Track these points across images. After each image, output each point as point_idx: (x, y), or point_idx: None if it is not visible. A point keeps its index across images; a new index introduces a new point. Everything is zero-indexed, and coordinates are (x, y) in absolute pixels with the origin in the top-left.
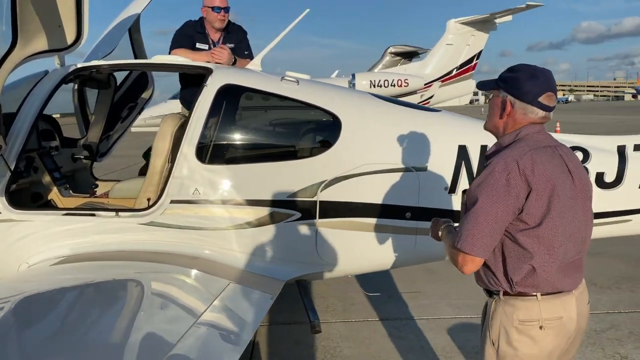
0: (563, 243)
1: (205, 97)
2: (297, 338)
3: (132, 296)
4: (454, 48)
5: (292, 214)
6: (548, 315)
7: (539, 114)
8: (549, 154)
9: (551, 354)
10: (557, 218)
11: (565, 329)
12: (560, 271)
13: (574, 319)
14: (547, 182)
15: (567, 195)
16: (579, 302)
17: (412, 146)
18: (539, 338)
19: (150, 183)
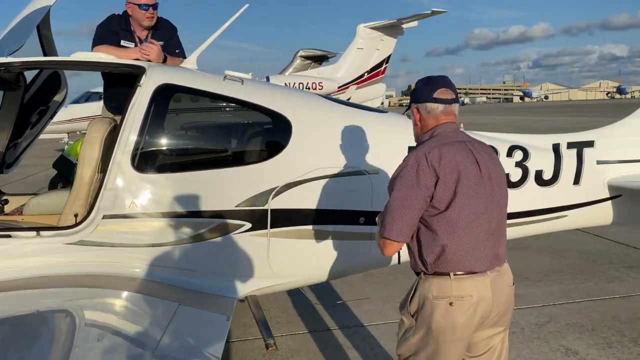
0: (468, 226)
1: (140, 98)
2: (245, 356)
3: (62, 330)
4: (365, 52)
5: (241, 225)
6: (458, 293)
7: (439, 108)
8: (456, 147)
9: (462, 328)
10: (462, 202)
11: (478, 307)
12: (471, 253)
13: (487, 298)
14: (452, 171)
15: (473, 182)
16: (495, 283)
17: (364, 148)
18: (448, 313)
19: (78, 196)
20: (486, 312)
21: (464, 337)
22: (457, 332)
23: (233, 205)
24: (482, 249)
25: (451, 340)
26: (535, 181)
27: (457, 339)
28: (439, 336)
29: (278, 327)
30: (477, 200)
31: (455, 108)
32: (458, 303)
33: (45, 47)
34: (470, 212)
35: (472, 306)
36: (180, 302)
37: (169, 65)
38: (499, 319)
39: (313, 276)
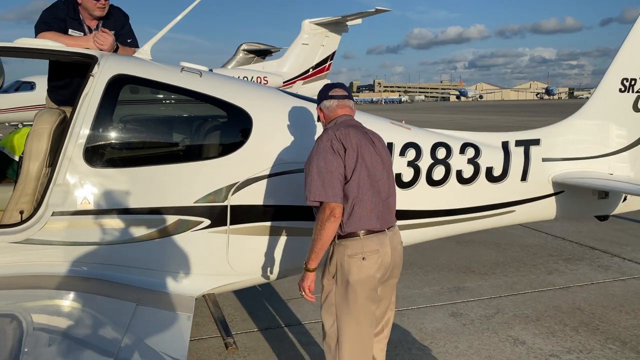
0: (368, 190)
1: (92, 89)
2: (200, 355)
3: (8, 334)
4: (310, 48)
5: (200, 222)
6: (368, 249)
7: (334, 103)
8: (356, 129)
9: (373, 278)
10: (362, 170)
11: (382, 260)
12: (373, 214)
13: (388, 253)
14: (355, 145)
15: (370, 155)
16: (392, 240)
17: None
18: (363, 266)
19: (24, 192)
20: (388, 264)
21: (376, 286)
22: (371, 282)
23: (191, 202)
24: (378, 210)
25: (367, 290)
26: (486, 177)
27: (371, 288)
28: (357, 289)
29: (232, 324)
30: (375, 171)
31: (349, 103)
32: (369, 257)
33: None
34: (368, 179)
35: (379, 258)
36: (137, 302)
37: (123, 55)
38: (394, 270)
39: (273, 273)
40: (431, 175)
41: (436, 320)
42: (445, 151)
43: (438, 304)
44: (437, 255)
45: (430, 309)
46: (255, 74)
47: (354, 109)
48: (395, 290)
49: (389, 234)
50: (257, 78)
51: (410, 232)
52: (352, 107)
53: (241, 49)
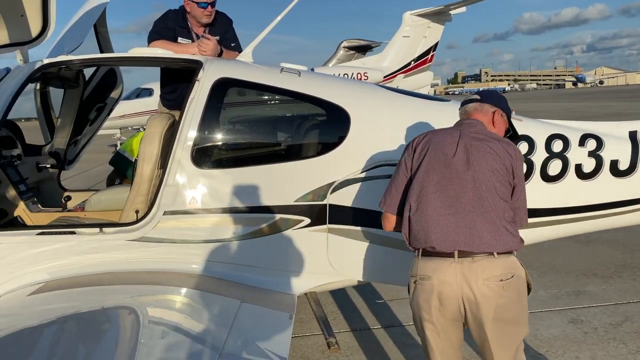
0: (432, 195)
1: (198, 93)
2: (303, 353)
3: (126, 327)
4: (411, 40)
5: (300, 220)
6: (420, 273)
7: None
8: (446, 131)
9: (426, 310)
10: (425, 175)
11: (438, 291)
12: (432, 226)
13: (450, 284)
14: (424, 147)
15: (439, 160)
16: (465, 270)
17: None
18: (414, 292)
19: (139, 193)
20: (450, 299)
21: (433, 320)
22: (424, 313)
23: (292, 200)
24: (444, 226)
25: (422, 320)
26: (610, 172)
27: (427, 320)
28: (414, 314)
29: (335, 322)
30: (441, 177)
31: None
32: (420, 282)
33: (101, 45)
34: (432, 185)
35: (432, 288)
36: (242, 299)
37: (226, 59)
38: (476, 319)
39: (373, 275)
40: (546, 171)
41: (553, 326)
42: (562, 144)
43: (555, 309)
44: (553, 256)
45: (546, 314)
46: (356, 71)
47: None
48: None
49: (460, 261)
50: (358, 74)
51: (523, 233)
52: (469, 110)
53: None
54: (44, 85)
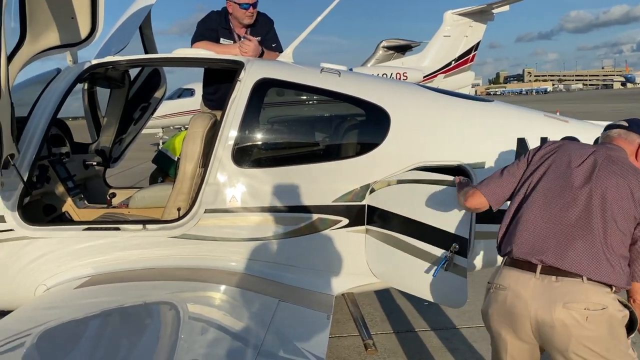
0: (529, 200)
1: (239, 93)
2: (340, 354)
3: (167, 322)
4: (452, 40)
5: (338, 221)
6: (498, 281)
7: None
8: (579, 145)
9: (496, 320)
10: (536, 177)
11: (511, 302)
12: (522, 231)
13: (524, 301)
14: (545, 155)
15: (561, 168)
16: (546, 289)
17: (468, 141)
18: (488, 299)
19: (181, 191)
20: (520, 317)
21: (501, 332)
22: (493, 323)
23: (330, 200)
24: (535, 232)
25: (491, 328)
26: None
27: (495, 331)
28: (484, 321)
29: (372, 324)
30: (554, 184)
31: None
32: (495, 291)
33: (146, 46)
34: (541, 189)
35: (505, 300)
36: (280, 298)
37: (267, 60)
38: (549, 345)
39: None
40: None
41: None
42: None
43: None
44: None
45: None
46: (395, 70)
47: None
48: None
49: (542, 278)
50: (397, 74)
51: None
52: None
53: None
54: (91, 85)
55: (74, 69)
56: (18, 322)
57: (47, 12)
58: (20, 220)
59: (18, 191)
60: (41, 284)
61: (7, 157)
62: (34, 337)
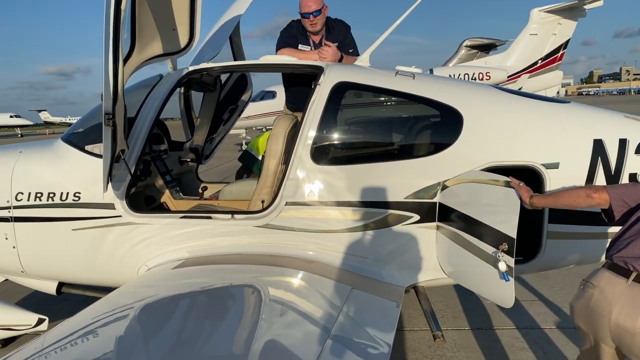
0: None
1: (318, 96)
2: (410, 346)
3: (250, 303)
4: (539, 38)
5: (409, 217)
6: (590, 279)
7: None
8: None
9: (578, 313)
10: None
11: (596, 300)
12: (627, 245)
13: (608, 302)
14: None
15: None
16: (634, 296)
17: (541, 141)
18: (577, 292)
19: (265, 185)
20: (600, 316)
21: (583, 327)
22: (576, 318)
23: (402, 197)
24: (634, 244)
25: (576, 322)
26: None
27: (578, 326)
28: (570, 315)
29: (443, 321)
30: None
31: None
32: (585, 288)
33: (235, 53)
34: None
35: (591, 297)
36: (353, 286)
37: (345, 64)
38: (631, 353)
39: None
40: None
41: None
42: None
43: None
44: None
45: None
46: (477, 70)
47: None
48: None
49: (632, 285)
50: (479, 74)
51: None
52: None
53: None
54: (187, 89)
55: (174, 75)
56: (122, 296)
57: (152, 25)
58: (127, 208)
59: (126, 182)
60: (143, 264)
61: (119, 152)
62: (135, 310)
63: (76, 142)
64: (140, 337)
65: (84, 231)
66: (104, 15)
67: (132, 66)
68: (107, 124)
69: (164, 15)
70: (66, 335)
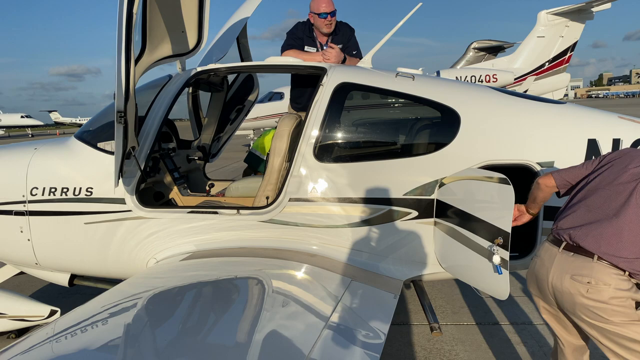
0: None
1: (321, 96)
2: (409, 339)
3: (254, 294)
4: (546, 40)
5: (408, 213)
6: (537, 251)
7: None
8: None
9: (529, 279)
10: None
11: (537, 267)
12: (564, 218)
13: (545, 266)
14: (610, 158)
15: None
16: (558, 260)
17: (536, 141)
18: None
19: (269, 181)
20: (543, 278)
21: (534, 291)
22: (529, 286)
23: (401, 194)
24: (572, 219)
25: (529, 287)
26: None
27: (531, 289)
28: None
29: (443, 316)
30: (604, 180)
31: None
32: (533, 259)
33: (242, 54)
34: (596, 182)
35: (535, 267)
36: (353, 278)
37: (347, 66)
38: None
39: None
40: None
41: None
42: None
43: None
44: None
45: None
46: (484, 72)
47: None
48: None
49: (560, 251)
50: (486, 76)
51: None
52: None
53: (471, 47)
54: (195, 89)
55: (183, 76)
56: (131, 286)
57: (162, 27)
58: (137, 203)
59: (136, 178)
60: (152, 257)
61: (129, 148)
62: (143, 299)
63: (89, 139)
64: (148, 325)
65: (95, 225)
66: (117, 18)
67: (142, 67)
68: (119, 122)
69: (173, 18)
70: (76, 322)
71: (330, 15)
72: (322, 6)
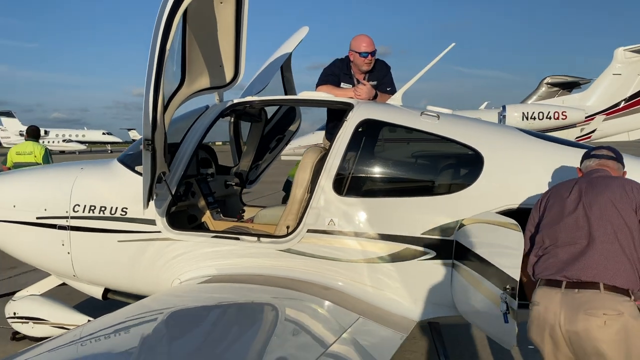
0: (547, 234)
1: (344, 131)
2: None
3: (267, 320)
4: (623, 78)
5: (427, 252)
6: (534, 299)
7: None
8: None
9: (534, 333)
10: (546, 216)
11: (544, 317)
12: (544, 259)
13: (554, 312)
14: (547, 195)
15: (557, 202)
16: (570, 303)
17: None
18: (530, 316)
19: (290, 212)
20: (554, 327)
21: (540, 341)
22: (532, 335)
23: (419, 233)
24: (556, 260)
25: (534, 338)
26: None
27: (535, 342)
28: (528, 335)
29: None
30: (558, 213)
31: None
32: (532, 308)
33: (286, 87)
34: (549, 223)
35: (539, 314)
36: (362, 314)
37: (374, 102)
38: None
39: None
40: None
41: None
42: None
43: None
44: None
45: None
46: (552, 109)
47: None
48: None
49: (565, 292)
50: (555, 113)
51: None
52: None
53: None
54: (236, 118)
55: (219, 107)
56: (154, 302)
57: (201, 61)
58: (167, 225)
59: (167, 202)
60: (177, 278)
61: (160, 173)
62: (163, 315)
63: (128, 162)
64: (164, 338)
65: (128, 243)
66: (149, 53)
67: (180, 98)
68: (147, 149)
69: (212, 52)
70: (101, 329)
71: (371, 55)
72: (362, 45)
